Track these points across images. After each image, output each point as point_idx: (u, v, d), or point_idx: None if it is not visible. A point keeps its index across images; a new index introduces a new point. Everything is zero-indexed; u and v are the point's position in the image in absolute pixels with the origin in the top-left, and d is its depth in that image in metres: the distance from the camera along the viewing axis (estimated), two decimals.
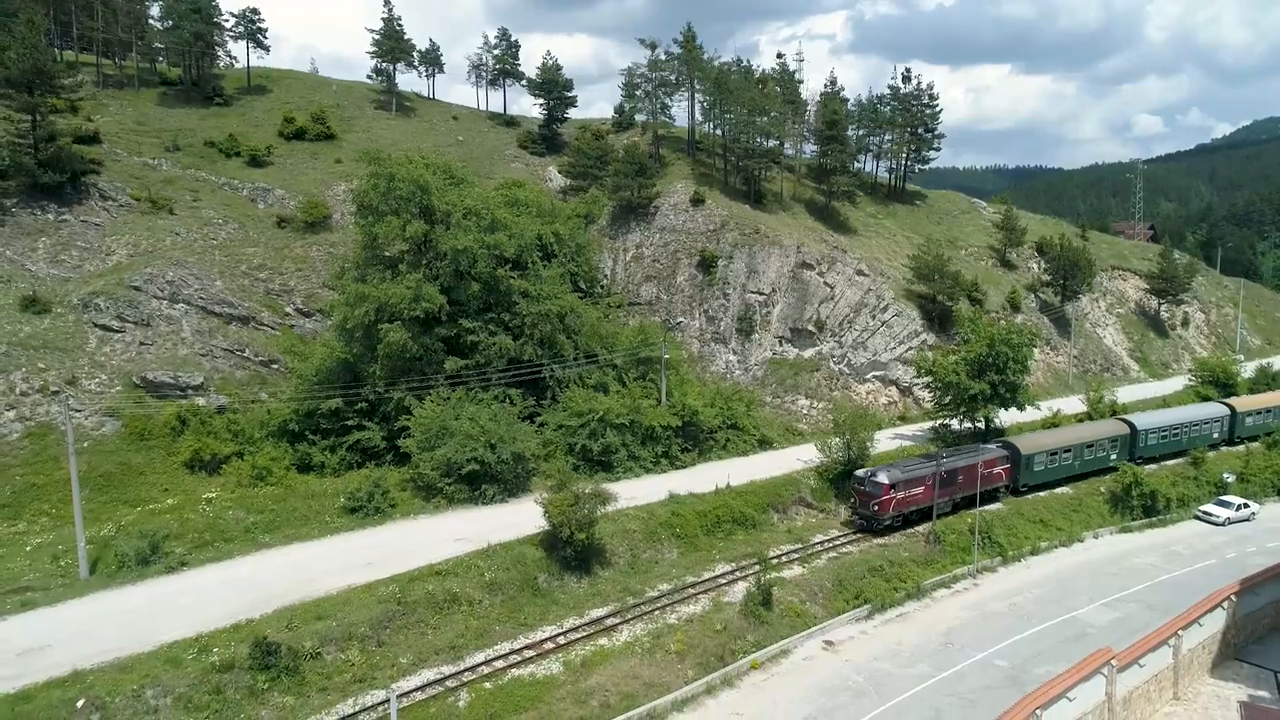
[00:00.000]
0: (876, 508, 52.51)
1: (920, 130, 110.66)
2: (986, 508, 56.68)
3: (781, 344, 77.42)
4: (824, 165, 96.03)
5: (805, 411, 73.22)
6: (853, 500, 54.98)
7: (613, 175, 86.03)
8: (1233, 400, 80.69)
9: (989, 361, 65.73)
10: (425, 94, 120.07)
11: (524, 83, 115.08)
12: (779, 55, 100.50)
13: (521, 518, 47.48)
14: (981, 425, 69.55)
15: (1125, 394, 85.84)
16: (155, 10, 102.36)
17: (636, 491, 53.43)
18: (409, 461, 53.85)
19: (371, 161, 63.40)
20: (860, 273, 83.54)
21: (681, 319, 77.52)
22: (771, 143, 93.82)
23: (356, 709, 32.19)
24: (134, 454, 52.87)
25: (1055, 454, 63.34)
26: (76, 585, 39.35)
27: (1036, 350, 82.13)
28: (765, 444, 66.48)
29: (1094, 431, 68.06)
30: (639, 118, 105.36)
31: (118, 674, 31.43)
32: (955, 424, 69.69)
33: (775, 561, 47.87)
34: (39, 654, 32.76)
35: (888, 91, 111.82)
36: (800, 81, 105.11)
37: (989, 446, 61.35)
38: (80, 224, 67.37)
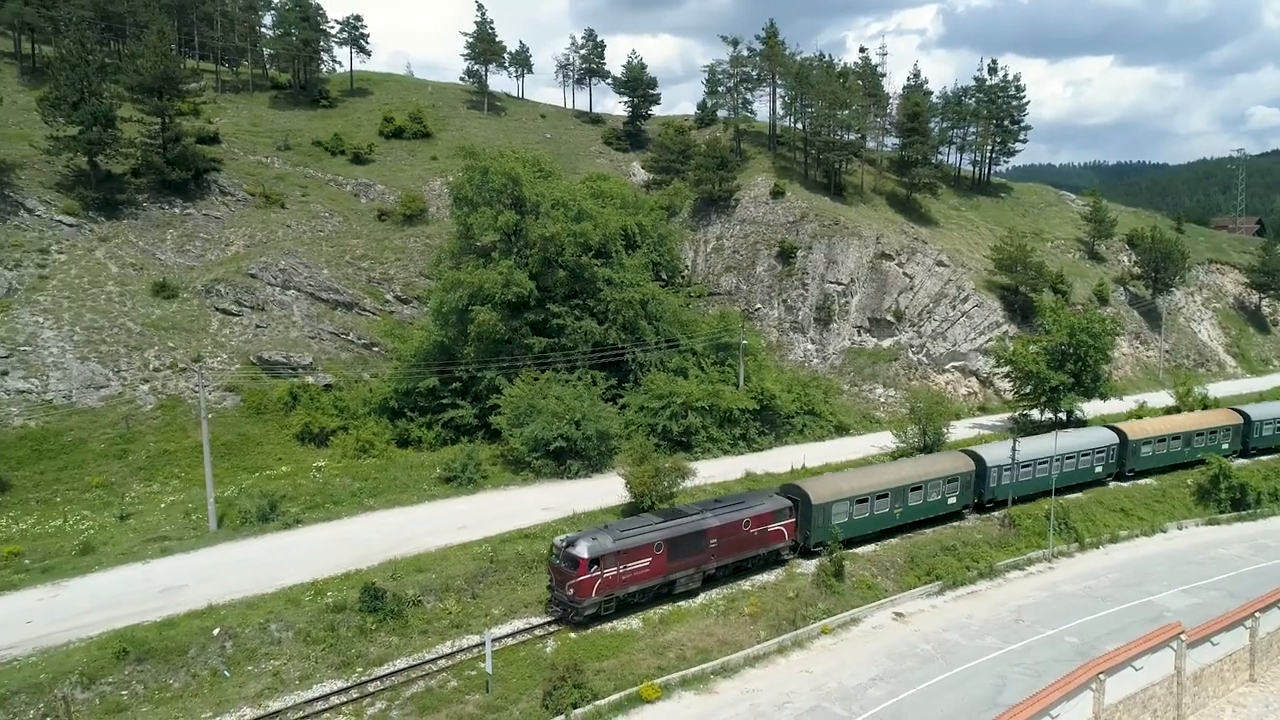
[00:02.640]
0: (573, 591, 36.32)
1: (1006, 122, 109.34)
2: (1070, 496, 56.52)
3: (860, 333, 78.30)
4: (905, 158, 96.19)
5: (883, 400, 73.99)
6: (550, 579, 38.71)
7: (694, 169, 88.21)
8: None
9: (1069, 351, 65.42)
10: (515, 94, 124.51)
11: (609, 81, 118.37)
12: (861, 50, 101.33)
13: (604, 491, 50.22)
14: (1064, 416, 69.13)
15: (1221, 389, 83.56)
16: (267, 19, 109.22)
17: (714, 470, 55.61)
18: (499, 438, 57.17)
19: (467, 156, 67.16)
20: (940, 263, 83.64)
21: (760, 308, 79.17)
22: (852, 136, 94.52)
23: (454, 649, 35.23)
24: (251, 426, 57.64)
25: (866, 500, 47.24)
26: (206, 536, 43.73)
27: (1124, 343, 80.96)
28: (842, 430, 67.69)
29: (927, 469, 51.04)
30: (721, 113, 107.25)
31: (245, 609, 35.19)
32: (1036, 414, 69.49)
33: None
34: (178, 591, 36.86)
35: (973, 83, 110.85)
36: (883, 75, 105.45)
37: (765, 495, 45.19)
38: (203, 217, 73.17)
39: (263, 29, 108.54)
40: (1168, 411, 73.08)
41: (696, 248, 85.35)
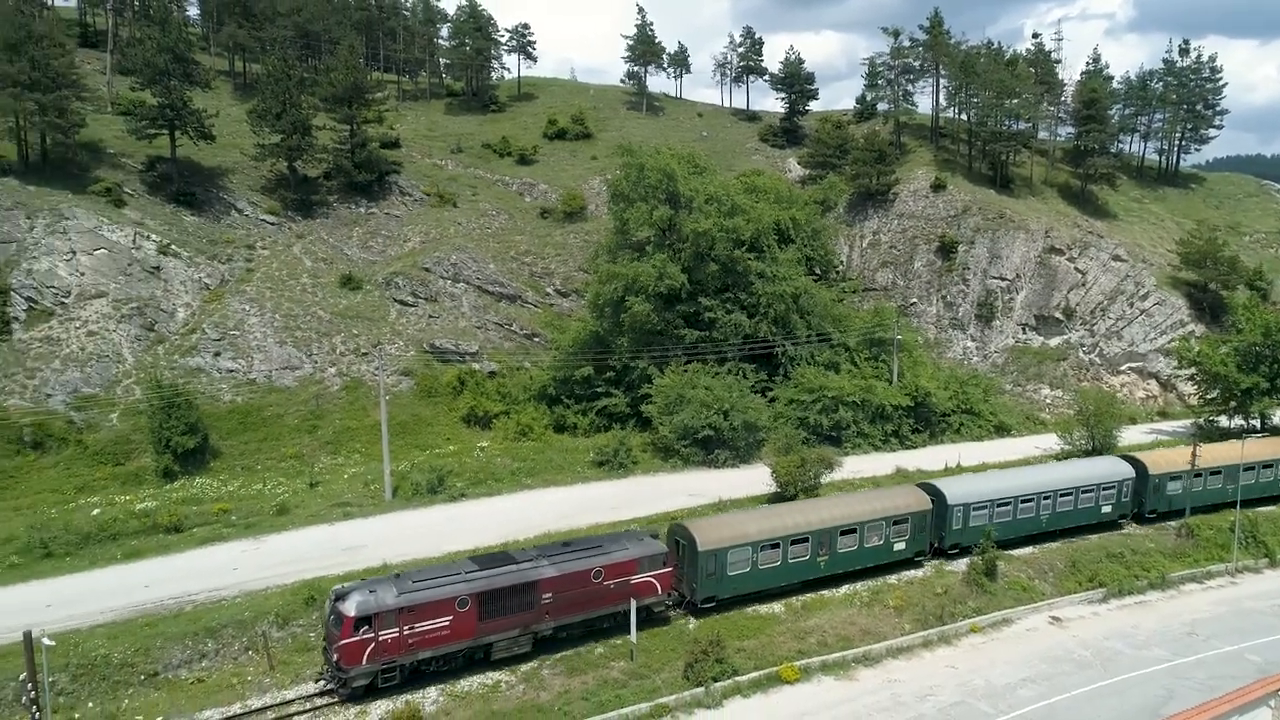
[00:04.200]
0: (337, 656, 30.02)
1: (1198, 107, 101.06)
2: (1264, 510, 51.85)
3: (1025, 331, 74.93)
4: (1080, 147, 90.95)
5: (1048, 401, 70.56)
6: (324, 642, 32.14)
7: (852, 164, 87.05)
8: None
9: (1264, 352, 60.15)
10: (673, 94, 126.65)
11: (766, 79, 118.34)
12: (1034, 35, 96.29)
13: (751, 480, 50.95)
14: (1257, 423, 63.57)
15: None
16: (444, 31, 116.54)
17: (863, 466, 55.12)
18: (649, 426, 58.91)
19: (624, 154, 69.40)
20: (1117, 258, 78.64)
21: (917, 303, 77.26)
22: (1021, 125, 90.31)
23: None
24: (423, 407, 62.10)
25: (778, 546, 38.84)
26: (382, 504, 47.77)
27: None
28: (1002, 431, 65.17)
29: (864, 508, 42.09)
30: (881, 106, 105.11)
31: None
32: (1224, 421, 64.30)
33: None
34: (357, 550, 40.62)
35: (1161, 67, 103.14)
36: (1058, 61, 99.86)
37: (633, 539, 36.83)
38: (384, 216, 79.24)
39: (439, 40, 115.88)
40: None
41: (852, 243, 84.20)
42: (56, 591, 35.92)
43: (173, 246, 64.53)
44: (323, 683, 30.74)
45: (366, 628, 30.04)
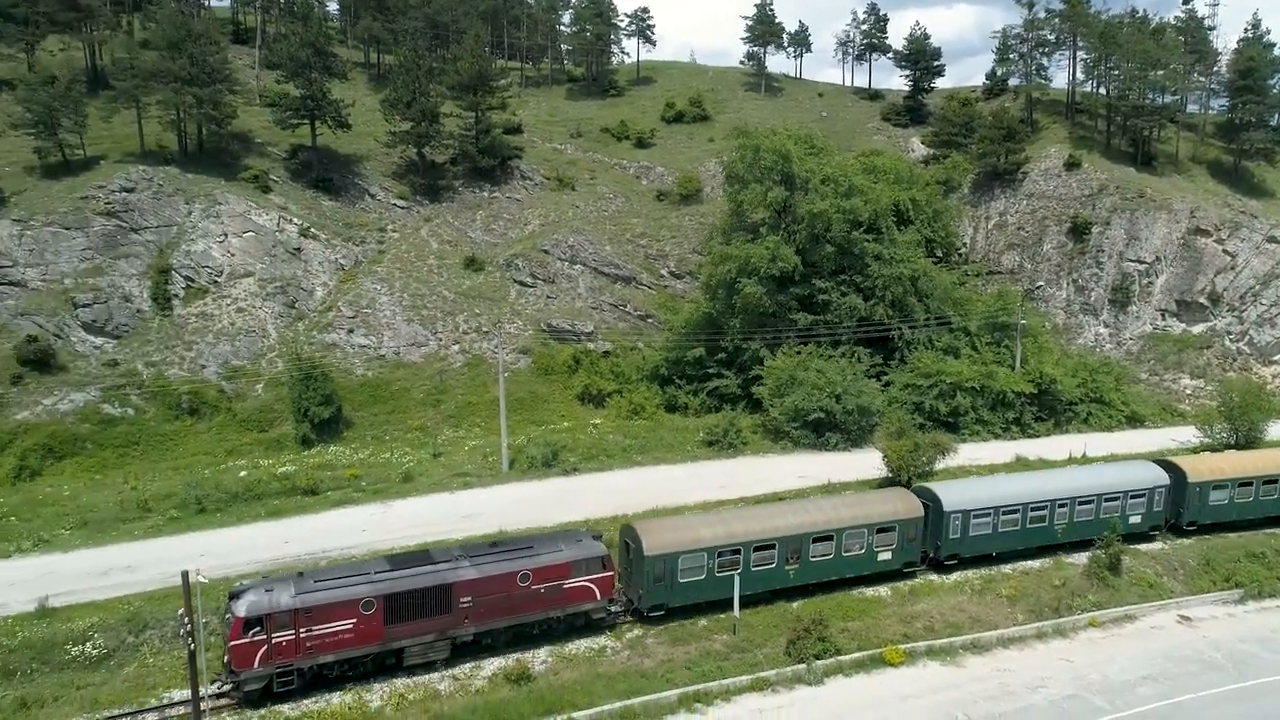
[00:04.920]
0: (228, 657, 29.04)
1: None
2: None
3: (1164, 317, 70.78)
4: (1234, 120, 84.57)
5: (1188, 392, 66.51)
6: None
7: (979, 142, 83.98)
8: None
9: None
10: (792, 74, 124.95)
11: (890, 55, 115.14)
12: (1185, 1, 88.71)
13: (862, 464, 50.40)
14: None
15: None
16: (566, 18, 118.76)
17: (980, 454, 53.63)
18: (760, 408, 59.02)
19: (740, 136, 69.27)
20: (1273, 239, 73.01)
21: (1044, 287, 74.05)
22: (1167, 99, 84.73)
23: None
24: (539, 385, 64.21)
25: (738, 552, 35.76)
26: (499, 475, 49.91)
27: None
28: (1135, 421, 61.95)
29: (844, 513, 38.48)
30: (1012, 81, 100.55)
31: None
32: None
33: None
34: (475, 517, 42.71)
35: None
36: (1211, 29, 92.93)
37: (570, 540, 34.67)
38: (506, 199, 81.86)
39: (561, 27, 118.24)
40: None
41: (976, 224, 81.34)
42: (209, 543, 39.40)
43: (312, 229, 68.82)
44: (218, 684, 29.39)
45: (258, 629, 28.60)
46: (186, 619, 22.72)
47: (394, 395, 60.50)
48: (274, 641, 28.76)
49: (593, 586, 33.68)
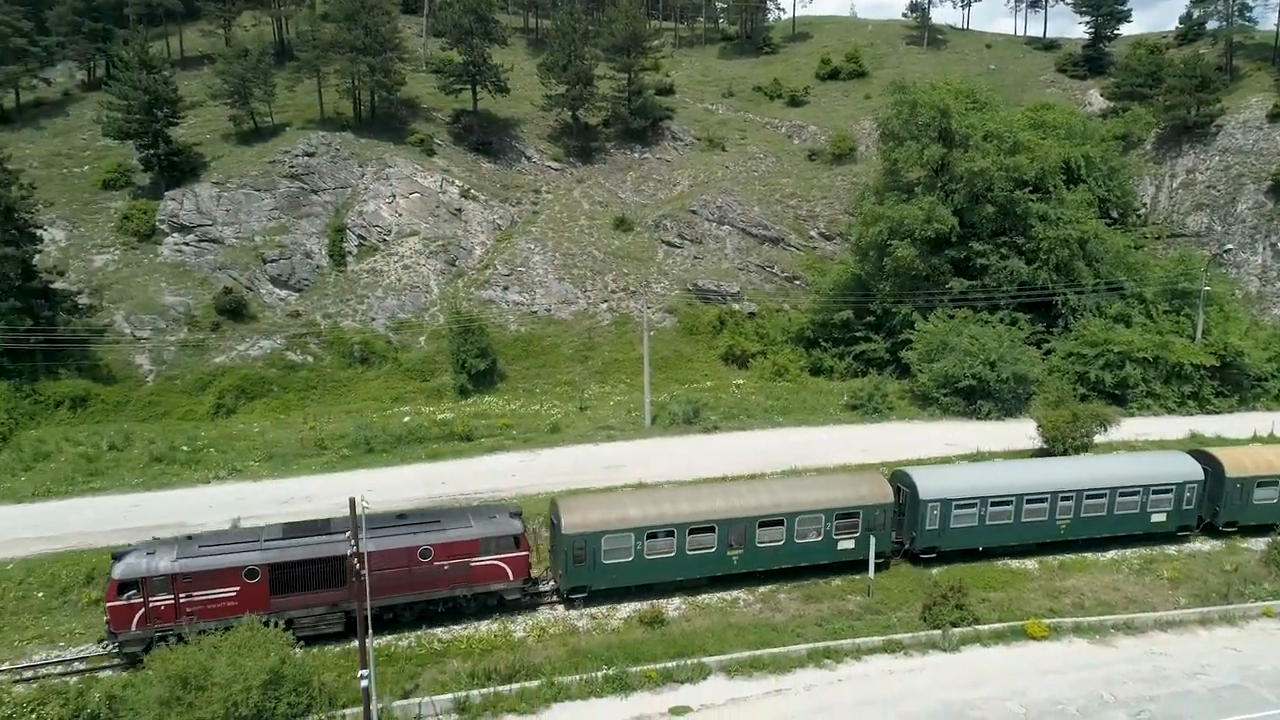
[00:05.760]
0: (106, 618, 29.06)
1: None
2: None
3: None
4: None
5: None
6: None
7: (1166, 93, 77.18)
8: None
9: None
10: (959, 25, 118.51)
11: (1068, 1, 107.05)
12: None
13: (1013, 434, 48.46)
14: None
15: None
16: None
17: (1149, 428, 50.45)
18: (908, 373, 57.52)
19: (896, 91, 66.76)
20: None
21: (1232, 249, 67.74)
22: None
23: None
24: (684, 344, 65.07)
25: (671, 534, 33.10)
26: (641, 430, 51.27)
27: None
28: None
29: (798, 496, 35.16)
30: (1210, 25, 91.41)
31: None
32: None
33: None
34: (617, 468, 44.20)
35: None
36: None
37: (483, 515, 32.83)
38: (656, 161, 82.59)
39: None
40: None
41: (1159, 183, 75.12)
42: (375, 480, 42.76)
43: (472, 191, 72.09)
44: (105, 643, 29.45)
45: (134, 592, 28.45)
46: (353, 541, 25.08)
47: (545, 350, 62.97)
48: (151, 605, 28.53)
49: (504, 566, 31.68)
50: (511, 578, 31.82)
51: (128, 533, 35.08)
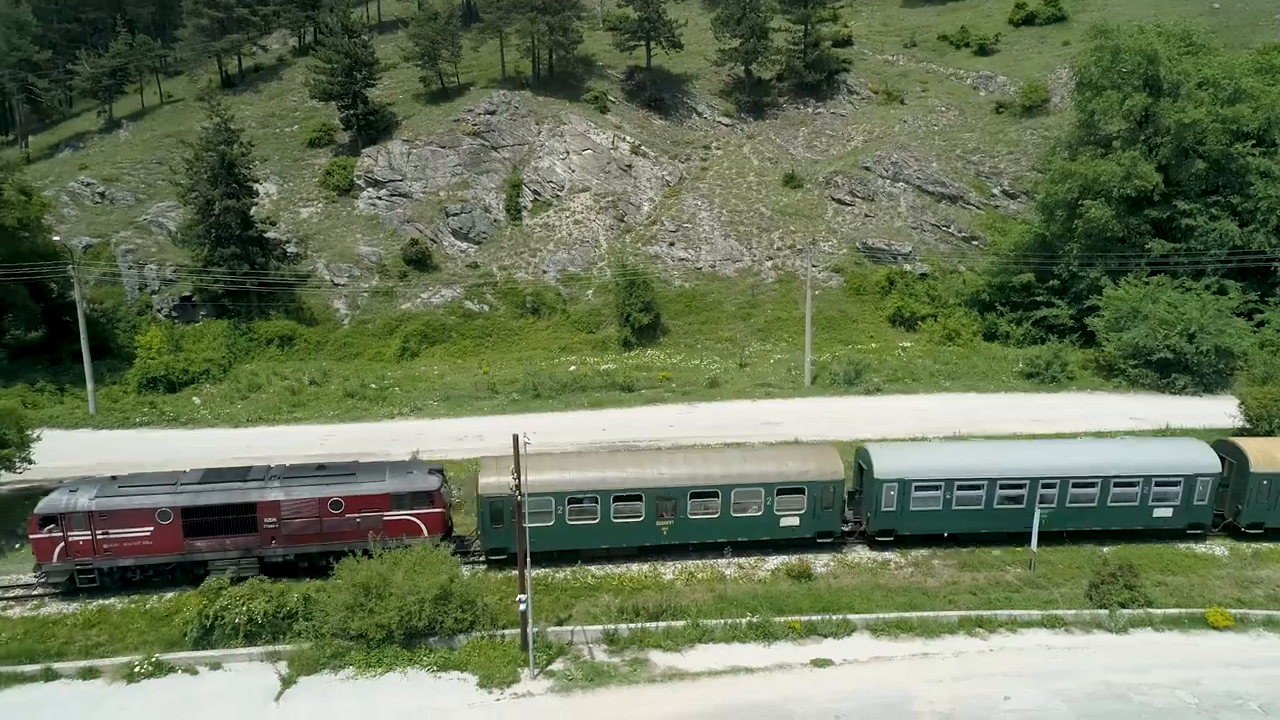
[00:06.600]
0: (33, 551, 30.74)
1: None
2: None
3: None
4: None
5: None
6: None
7: None
8: None
9: None
10: None
11: None
12: None
13: (1211, 412, 44.87)
14: None
15: None
16: None
17: None
18: (1093, 342, 53.91)
19: (1097, 36, 61.49)
20: None
21: None
22: None
23: None
24: (849, 304, 63.70)
25: (595, 500, 31.78)
26: (800, 389, 51.07)
27: None
28: None
29: (742, 468, 32.73)
30: None
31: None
32: None
33: None
34: (774, 425, 44.38)
35: None
36: None
37: (400, 470, 32.80)
38: (830, 115, 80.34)
39: None
40: None
41: None
42: (541, 423, 44.56)
43: (642, 147, 73.05)
44: (36, 573, 31.13)
45: (53, 526, 30.08)
46: (516, 475, 26.81)
47: (707, 307, 63.45)
48: (70, 540, 30.11)
49: (417, 521, 31.60)
50: (426, 533, 31.44)
51: (324, 457, 38.82)
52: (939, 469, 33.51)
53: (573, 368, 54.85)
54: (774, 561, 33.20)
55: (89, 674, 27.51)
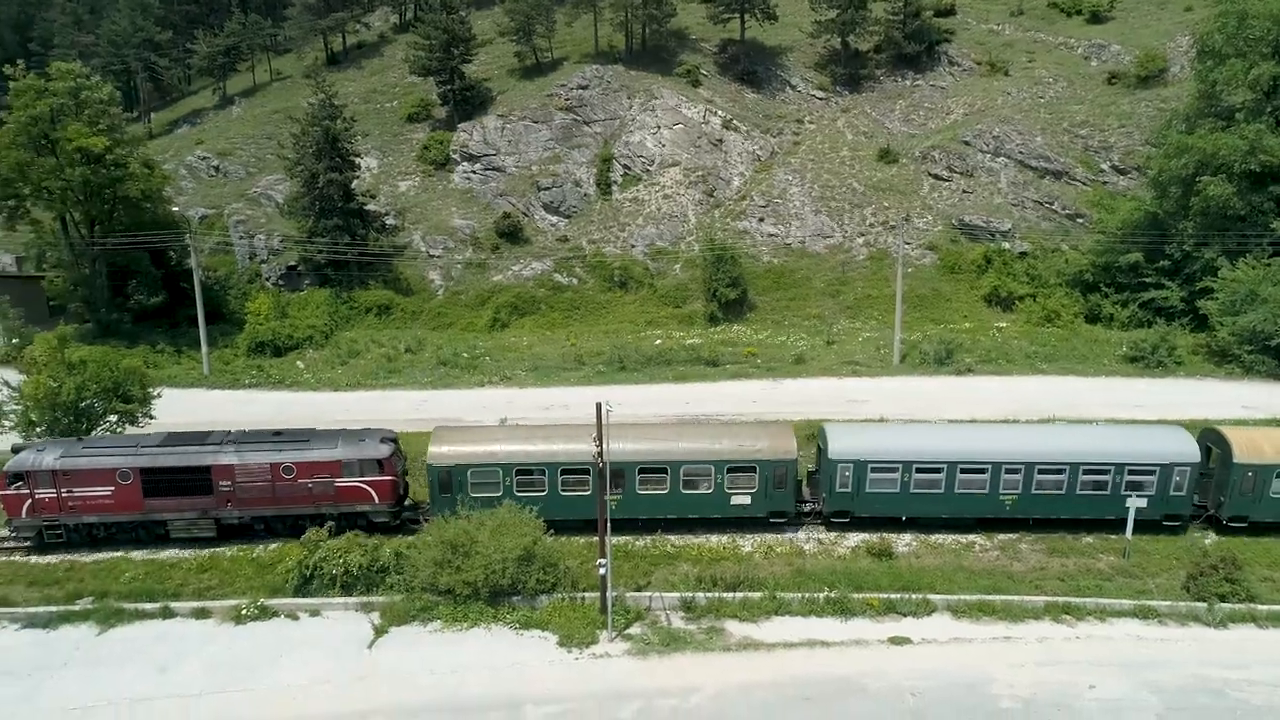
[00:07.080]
0: (4, 508, 32.42)
1: None
2: None
3: None
4: None
5: None
6: None
7: None
8: None
9: None
10: None
11: None
12: None
13: None
14: None
15: None
16: None
17: None
18: (1205, 327, 51.29)
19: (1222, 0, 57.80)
20: None
21: None
22: None
23: None
24: (943, 283, 62.05)
25: (532, 473, 32.25)
26: (889, 368, 50.22)
27: None
28: None
29: (693, 444, 32.96)
30: None
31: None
32: None
33: None
34: (860, 403, 43.84)
35: None
36: None
37: (353, 438, 33.03)
38: (929, 88, 78.00)
39: None
40: None
41: None
42: (625, 395, 44.86)
43: (734, 121, 72.51)
44: (9, 528, 32.87)
45: (20, 484, 31.62)
46: (598, 442, 27.42)
47: (796, 283, 62.80)
48: (37, 497, 31.76)
49: (368, 488, 32.43)
50: (377, 500, 32.47)
51: (419, 422, 40.36)
52: (896, 450, 32.92)
53: (658, 341, 55.24)
54: (854, 539, 33.03)
55: (201, 614, 29.50)
